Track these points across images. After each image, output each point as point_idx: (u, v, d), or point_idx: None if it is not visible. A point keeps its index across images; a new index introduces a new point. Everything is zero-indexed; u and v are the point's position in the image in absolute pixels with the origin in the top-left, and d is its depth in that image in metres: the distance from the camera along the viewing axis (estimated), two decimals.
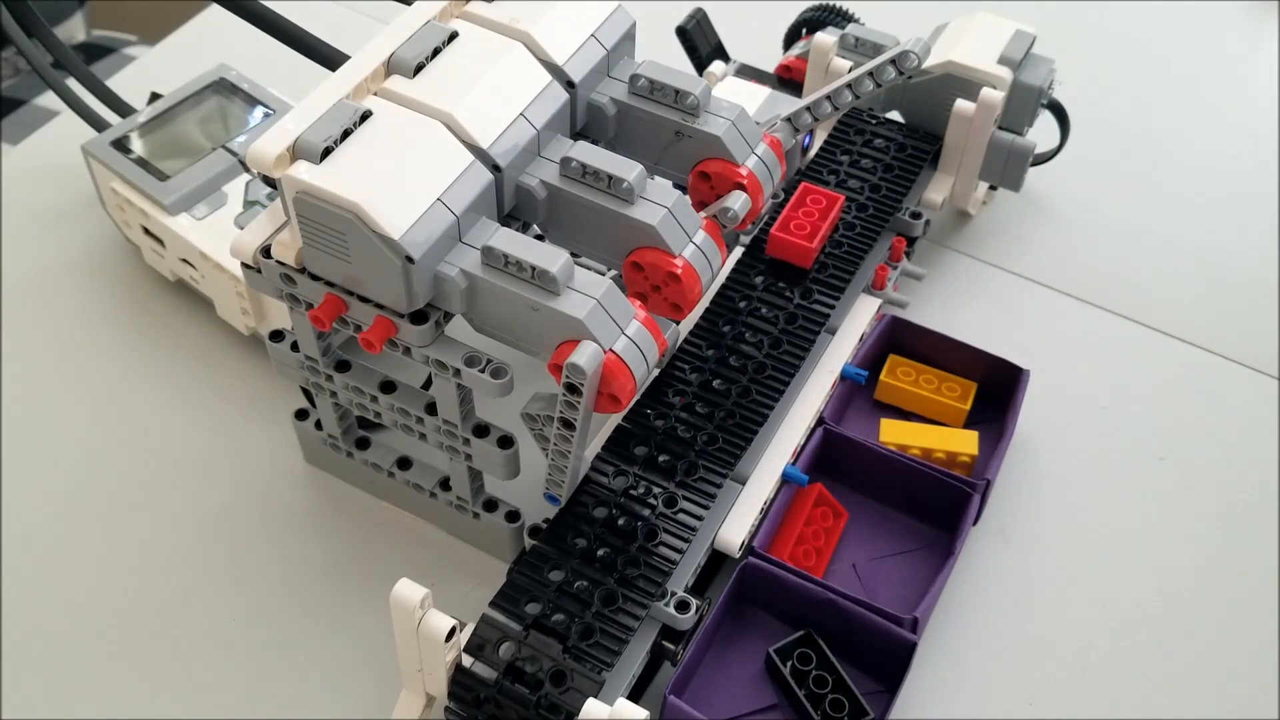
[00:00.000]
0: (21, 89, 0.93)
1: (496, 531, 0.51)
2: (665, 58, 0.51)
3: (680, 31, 0.67)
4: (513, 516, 0.51)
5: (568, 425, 0.44)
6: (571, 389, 0.42)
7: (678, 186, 0.48)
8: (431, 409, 0.48)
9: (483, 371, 0.44)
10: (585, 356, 0.40)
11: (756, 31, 0.72)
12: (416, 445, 0.53)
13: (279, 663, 0.50)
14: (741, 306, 0.54)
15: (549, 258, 0.41)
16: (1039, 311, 0.64)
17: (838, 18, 0.68)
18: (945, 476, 0.51)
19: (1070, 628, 0.52)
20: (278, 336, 0.50)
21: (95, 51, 1.00)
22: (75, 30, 1.08)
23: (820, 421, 0.53)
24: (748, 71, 0.68)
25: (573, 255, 0.42)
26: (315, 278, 0.44)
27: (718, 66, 0.66)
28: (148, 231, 0.60)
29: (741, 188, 0.48)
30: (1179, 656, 0.51)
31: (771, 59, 0.69)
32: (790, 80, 0.67)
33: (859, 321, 0.57)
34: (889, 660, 0.47)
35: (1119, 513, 0.56)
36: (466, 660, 0.43)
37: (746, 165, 0.48)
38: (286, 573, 0.53)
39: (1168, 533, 0.55)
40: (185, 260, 0.59)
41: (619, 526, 0.46)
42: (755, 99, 0.64)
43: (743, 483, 0.50)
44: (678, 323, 0.49)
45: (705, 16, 0.68)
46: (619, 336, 0.42)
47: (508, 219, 0.47)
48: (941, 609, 0.52)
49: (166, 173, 0.59)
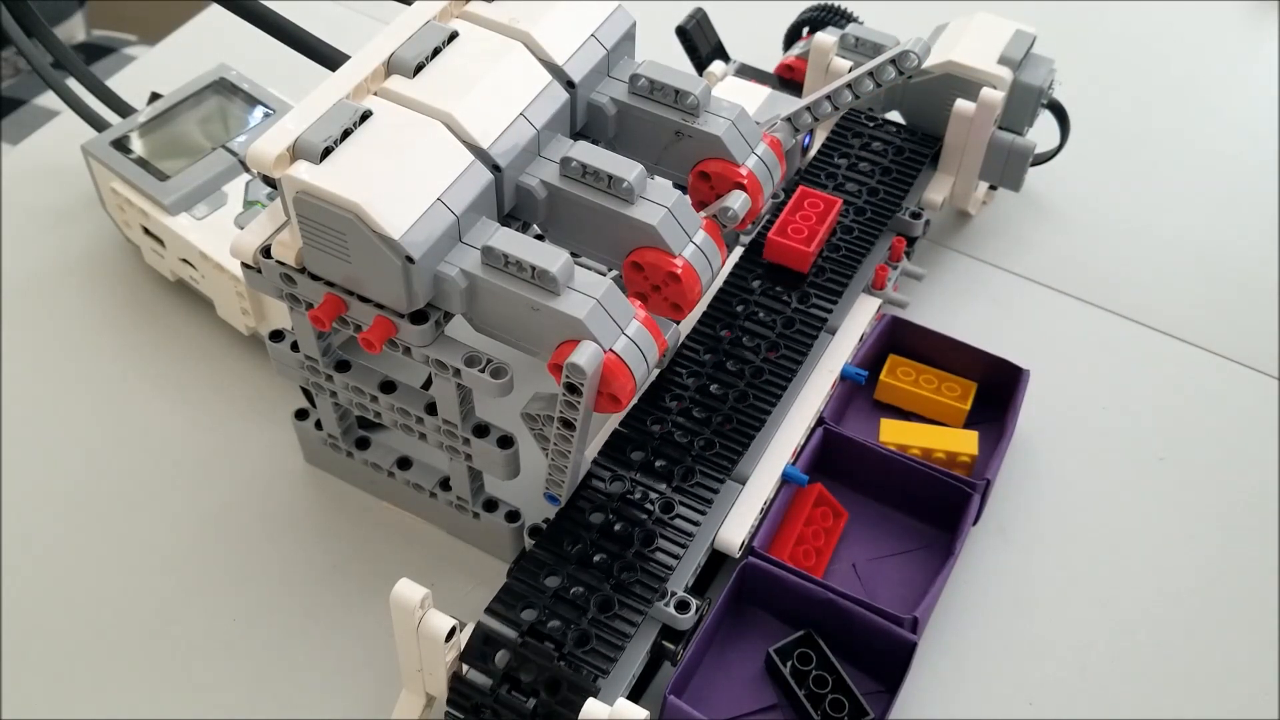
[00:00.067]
0: (21, 89, 0.93)
1: (496, 531, 0.51)
2: (665, 58, 0.51)
3: (680, 31, 0.67)
4: (513, 516, 0.51)
5: (568, 425, 0.44)
6: (571, 389, 0.42)
7: (678, 186, 0.48)
8: (431, 409, 0.48)
9: (483, 371, 0.44)
10: (585, 356, 0.40)
11: (756, 31, 0.72)
12: (416, 445, 0.53)
13: (279, 663, 0.50)
14: (739, 310, 0.54)
15: (549, 258, 0.41)
16: (1039, 311, 0.64)
17: (838, 18, 0.68)
18: (945, 476, 0.51)
19: (1070, 628, 0.52)
20: (278, 336, 0.50)
21: (95, 51, 1.00)
22: (75, 30, 1.08)
23: (820, 421, 0.53)
24: (748, 71, 0.68)
25: (573, 255, 0.42)
26: (315, 278, 0.44)
27: (718, 66, 0.66)
28: (148, 231, 0.60)
29: (741, 188, 0.48)
30: (1179, 656, 0.51)
31: (771, 59, 0.69)
32: (790, 80, 0.67)
33: (859, 321, 0.57)
34: (889, 660, 0.47)
35: (1119, 513, 0.56)
36: (463, 668, 0.43)
37: (746, 165, 0.48)
38: (286, 573, 0.53)
39: (1168, 533, 0.55)
40: (185, 260, 0.59)
41: (615, 533, 0.46)
42: (755, 99, 0.64)
43: (743, 483, 0.50)
44: (678, 323, 0.49)
45: (705, 16, 0.68)
46: (619, 336, 0.42)
47: (508, 219, 0.47)
48: (941, 609, 0.52)
49: (166, 173, 0.59)
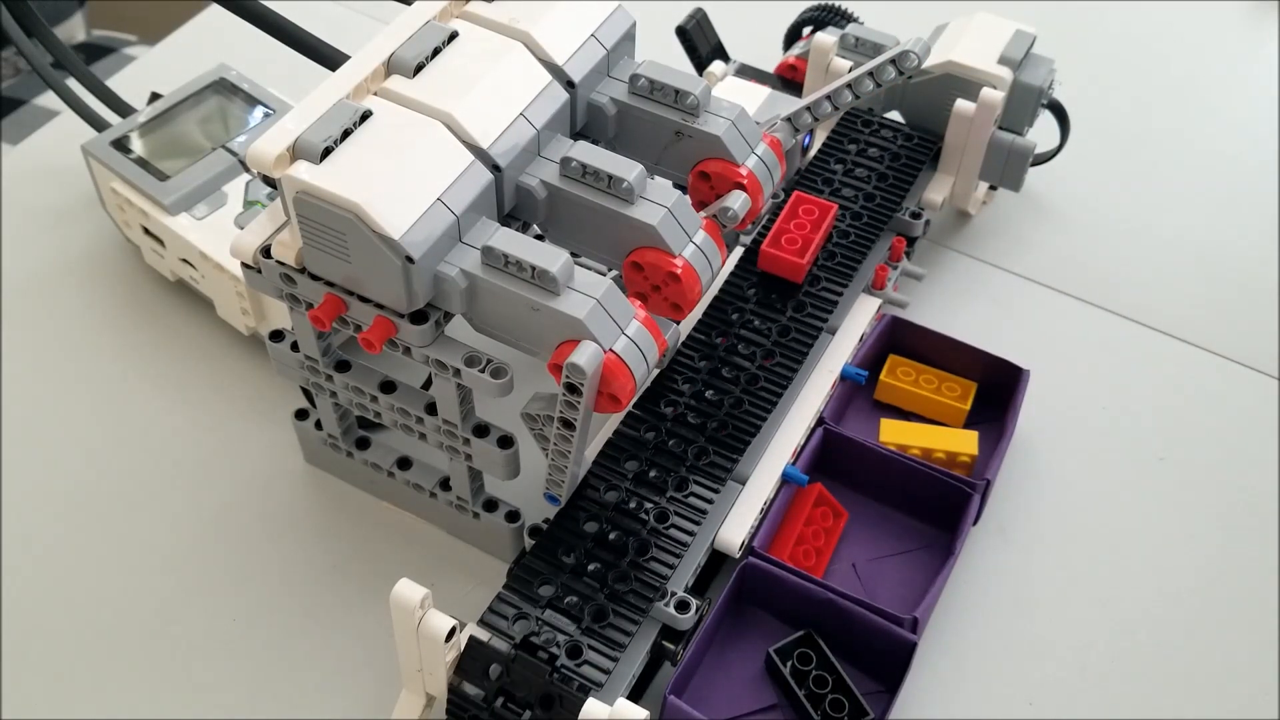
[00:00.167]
0: (21, 89, 0.93)
1: (496, 531, 0.51)
2: (665, 58, 0.51)
3: (680, 31, 0.67)
4: (513, 516, 0.51)
5: (568, 425, 0.44)
6: (571, 389, 0.42)
7: (678, 186, 0.48)
8: (431, 409, 0.48)
9: (483, 371, 0.44)
10: (585, 356, 0.40)
11: (756, 31, 0.72)
12: (416, 445, 0.53)
13: (279, 663, 0.50)
14: (734, 319, 0.54)
15: (549, 258, 0.41)
16: (1039, 311, 0.64)
17: (838, 18, 0.68)
18: (945, 476, 0.51)
19: (1070, 628, 0.52)
20: (278, 336, 0.50)
21: (95, 51, 1.00)
22: (75, 30, 1.08)
23: (820, 421, 0.53)
24: (748, 71, 0.68)
25: (573, 255, 0.42)
26: (315, 278, 0.44)
27: (718, 66, 0.66)
28: (148, 231, 0.60)
29: (741, 187, 0.48)
30: (1179, 656, 0.51)
31: (771, 59, 0.69)
32: (791, 80, 0.67)
33: (859, 321, 0.57)
34: (889, 660, 0.47)
35: (1119, 513, 0.56)
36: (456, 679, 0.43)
37: (746, 165, 0.48)
38: (286, 573, 0.53)
39: (1168, 533, 0.55)
40: (185, 260, 0.59)
41: (611, 542, 0.46)
42: (755, 99, 0.64)
43: (743, 483, 0.50)
44: (678, 323, 0.49)
45: (705, 16, 0.68)
46: (619, 336, 0.42)
47: (508, 219, 0.47)
48: (941, 609, 0.52)
49: (166, 173, 0.59)
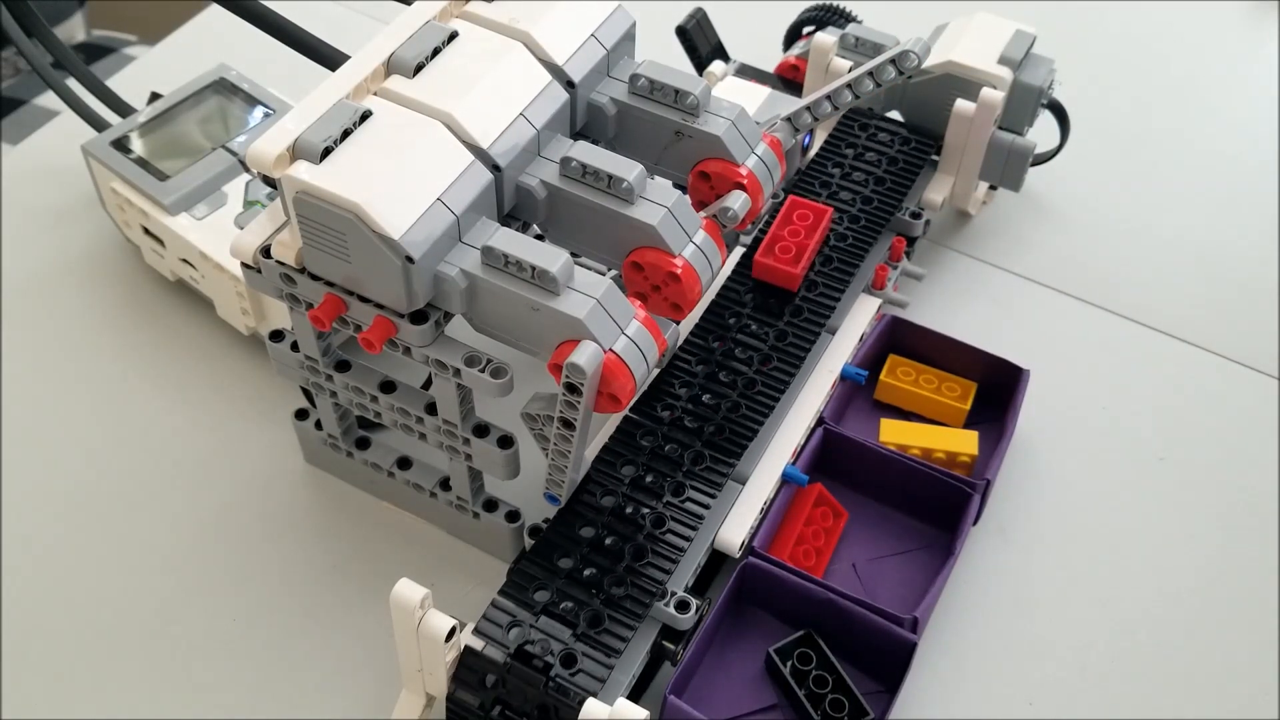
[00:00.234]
0: (21, 89, 0.93)
1: (496, 531, 0.51)
2: (665, 58, 0.51)
3: (680, 31, 0.67)
4: (513, 516, 0.51)
5: (568, 425, 0.44)
6: (571, 389, 0.42)
7: (678, 186, 0.48)
8: (431, 409, 0.48)
9: (483, 371, 0.44)
10: (585, 356, 0.40)
11: (756, 31, 0.72)
12: (416, 445, 0.53)
13: (279, 663, 0.50)
14: (731, 323, 0.53)
15: (549, 258, 0.41)
16: (1039, 311, 0.64)
17: (838, 18, 0.68)
18: (945, 476, 0.51)
19: (1070, 628, 0.52)
20: (278, 336, 0.50)
21: (95, 51, 1.00)
22: (75, 30, 1.08)
23: (820, 421, 0.53)
24: (748, 71, 0.68)
25: (573, 255, 0.42)
26: (315, 278, 0.44)
27: (718, 66, 0.66)
28: (148, 231, 0.60)
29: (741, 187, 0.48)
30: (1179, 656, 0.51)
31: (771, 59, 0.69)
32: (791, 80, 0.67)
33: (859, 321, 0.57)
34: (889, 660, 0.47)
35: (1119, 513, 0.56)
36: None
37: (746, 165, 0.48)
38: (286, 573, 0.53)
39: (1168, 533, 0.55)
40: (185, 260, 0.59)
41: (607, 547, 0.46)
42: (755, 99, 0.64)
43: (743, 483, 0.50)
44: (678, 323, 0.49)
45: (705, 16, 0.68)
46: (619, 336, 0.42)
47: (508, 219, 0.47)
48: (941, 609, 0.52)
49: (166, 173, 0.59)
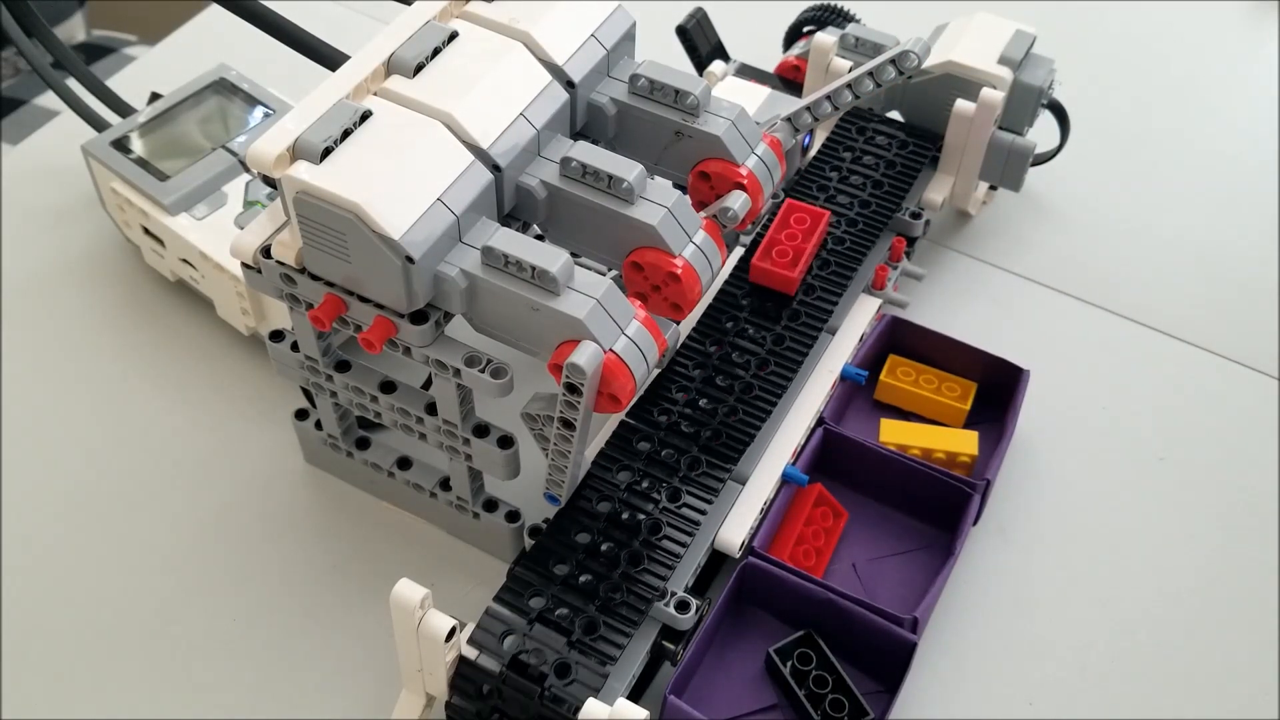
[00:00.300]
0: (21, 89, 0.93)
1: (496, 531, 0.51)
2: (665, 58, 0.51)
3: (680, 31, 0.67)
4: (513, 516, 0.51)
5: (568, 425, 0.44)
6: (571, 389, 0.42)
7: (678, 186, 0.48)
8: (431, 409, 0.48)
9: (483, 371, 0.44)
10: (585, 356, 0.40)
11: (756, 31, 0.72)
12: (416, 445, 0.53)
13: (279, 663, 0.50)
14: (729, 327, 0.53)
15: (549, 258, 0.41)
16: (1039, 311, 0.64)
17: (838, 18, 0.68)
18: (945, 476, 0.51)
19: (1070, 628, 0.52)
20: (278, 336, 0.50)
21: (95, 51, 1.00)
22: (75, 30, 1.08)
23: (820, 421, 0.53)
24: (748, 71, 0.68)
25: (573, 255, 0.42)
26: (315, 278, 0.44)
27: (718, 66, 0.66)
28: (148, 231, 0.60)
29: (741, 188, 0.48)
30: (1179, 656, 0.51)
31: (771, 59, 0.69)
32: (791, 80, 0.67)
33: (859, 321, 0.57)
34: (889, 660, 0.47)
35: (1119, 513, 0.56)
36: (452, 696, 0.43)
37: (746, 165, 0.48)
38: (286, 573, 0.53)
39: (1168, 533, 0.55)
40: (185, 260, 0.59)
41: (603, 552, 0.46)
42: (755, 99, 0.64)
43: (743, 483, 0.50)
44: (678, 323, 0.49)
45: (705, 16, 0.68)
46: (619, 336, 0.42)
47: (508, 219, 0.47)
48: (941, 609, 0.52)
49: (166, 173, 0.59)
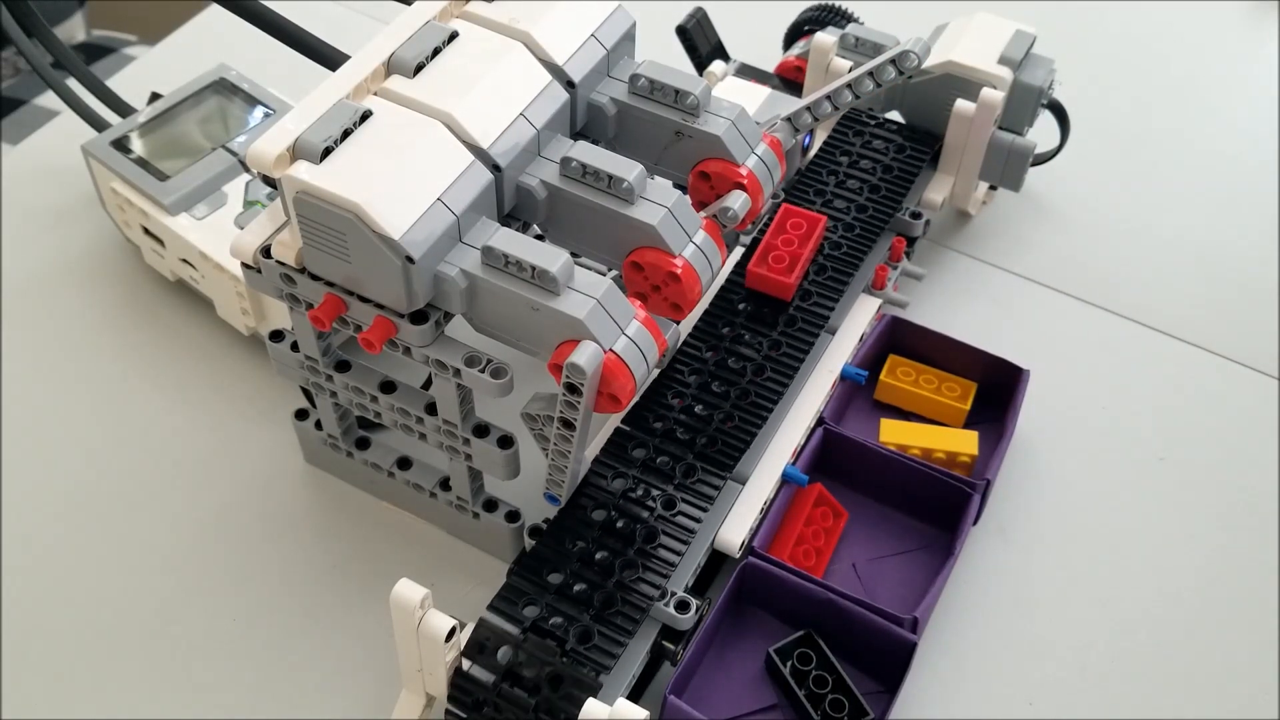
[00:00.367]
0: (21, 89, 0.93)
1: (496, 531, 0.51)
2: (665, 58, 0.51)
3: (680, 31, 0.67)
4: (513, 516, 0.51)
5: (568, 425, 0.44)
6: (571, 389, 0.42)
7: (678, 186, 0.48)
8: (431, 409, 0.48)
9: (483, 371, 0.44)
10: (585, 356, 0.40)
11: (756, 31, 0.72)
12: (416, 445, 0.53)
13: (279, 663, 0.50)
14: (725, 332, 0.53)
15: (549, 258, 0.41)
16: (1039, 311, 0.64)
17: (838, 18, 0.68)
18: (945, 476, 0.51)
19: (1070, 628, 0.52)
20: (278, 336, 0.50)
21: (95, 51, 1.00)
22: (75, 30, 1.08)
23: (820, 421, 0.53)
24: (748, 71, 0.68)
25: (573, 255, 0.42)
26: (315, 278, 0.44)
27: (718, 66, 0.66)
28: (148, 231, 0.60)
29: (741, 187, 0.48)
30: (1179, 656, 0.51)
31: (771, 59, 0.69)
32: (791, 80, 0.67)
33: (859, 321, 0.57)
34: (889, 660, 0.47)
35: (1119, 513, 0.56)
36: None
37: (746, 165, 0.48)
38: (286, 573, 0.53)
39: (1168, 533, 0.55)
40: (185, 260, 0.59)
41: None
42: (755, 99, 0.64)
43: (743, 483, 0.50)
44: (678, 323, 0.49)
45: (705, 16, 0.68)
46: (619, 336, 0.42)
47: (508, 219, 0.47)
48: (941, 609, 0.52)
49: (166, 173, 0.59)
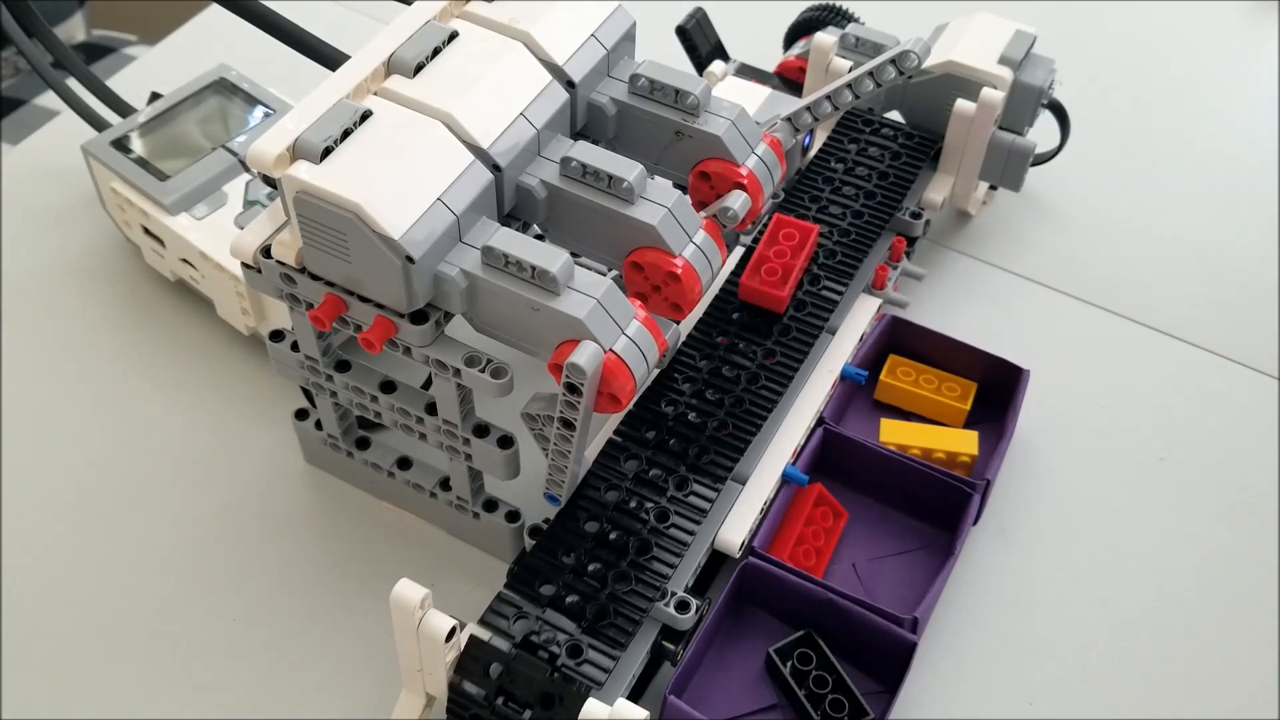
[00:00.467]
0: (21, 89, 0.93)
1: (496, 531, 0.51)
2: (665, 58, 0.51)
3: (680, 31, 0.67)
4: (513, 516, 0.51)
5: (568, 425, 0.44)
6: (571, 389, 0.42)
7: (678, 186, 0.48)
8: (431, 409, 0.48)
9: (483, 371, 0.44)
10: (585, 356, 0.40)
11: (756, 31, 0.72)
12: (416, 445, 0.53)
13: (279, 663, 0.50)
14: (719, 341, 0.53)
15: (549, 258, 0.41)
16: (1039, 311, 0.64)
17: (838, 18, 0.68)
18: (945, 476, 0.51)
19: (1070, 628, 0.52)
20: (278, 336, 0.50)
21: (95, 51, 1.00)
22: (75, 30, 1.08)
23: (820, 421, 0.53)
24: (748, 71, 0.68)
25: (573, 255, 0.42)
26: (315, 278, 0.44)
27: (718, 66, 0.66)
28: (148, 231, 0.60)
29: (741, 187, 0.48)
30: (1179, 656, 0.51)
31: (771, 59, 0.69)
32: (791, 80, 0.67)
33: (859, 321, 0.57)
34: (889, 660, 0.47)
35: (1119, 513, 0.56)
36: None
37: (746, 165, 0.48)
38: (286, 573, 0.53)
39: (1168, 533, 0.55)
40: (185, 260, 0.59)
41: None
42: (755, 99, 0.64)
43: (743, 483, 0.50)
44: (678, 323, 0.49)
45: (705, 16, 0.68)
46: (619, 336, 0.42)
47: (508, 219, 0.47)
48: (941, 609, 0.52)
49: (166, 173, 0.59)
